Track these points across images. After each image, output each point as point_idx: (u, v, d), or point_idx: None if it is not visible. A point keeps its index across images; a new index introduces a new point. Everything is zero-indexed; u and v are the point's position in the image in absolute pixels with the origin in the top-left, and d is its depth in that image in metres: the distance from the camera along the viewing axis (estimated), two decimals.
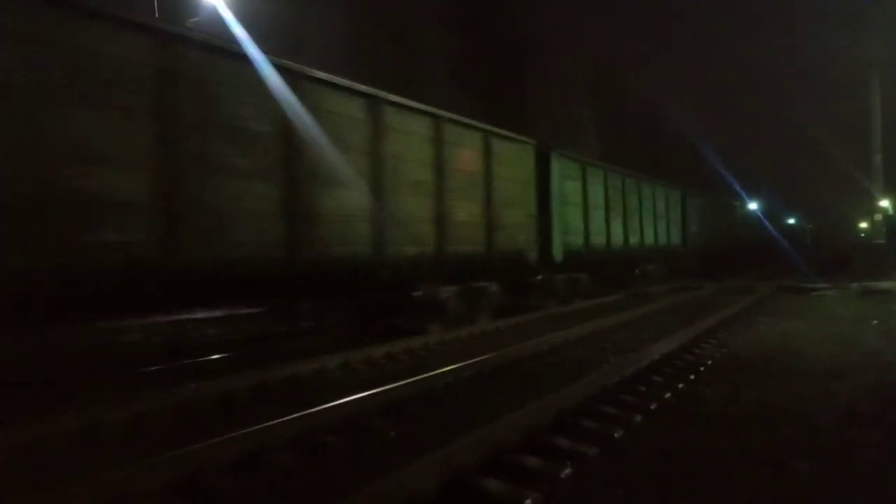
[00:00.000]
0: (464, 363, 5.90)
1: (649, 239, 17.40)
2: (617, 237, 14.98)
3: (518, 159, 10.71)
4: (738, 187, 34.38)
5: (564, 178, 12.56)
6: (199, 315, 9.83)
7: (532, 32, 31.30)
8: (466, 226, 9.09)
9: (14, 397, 4.78)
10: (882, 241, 25.22)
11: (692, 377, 5.54)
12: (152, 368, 6.37)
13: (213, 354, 7.18)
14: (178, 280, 5.34)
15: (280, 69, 6.23)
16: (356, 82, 7.32)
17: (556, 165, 12.18)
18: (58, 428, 4.00)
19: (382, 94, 7.60)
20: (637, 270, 16.85)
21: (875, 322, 8.72)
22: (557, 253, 11.91)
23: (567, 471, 3.28)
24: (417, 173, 8.16)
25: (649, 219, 17.52)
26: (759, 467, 3.33)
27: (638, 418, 4.25)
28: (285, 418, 4.03)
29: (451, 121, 8.89)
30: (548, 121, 29.30)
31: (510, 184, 10.34)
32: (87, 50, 4.67)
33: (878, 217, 26.93)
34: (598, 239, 13.84)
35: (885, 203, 27.78)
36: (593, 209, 13.67)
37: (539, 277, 11.53)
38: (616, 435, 3.89)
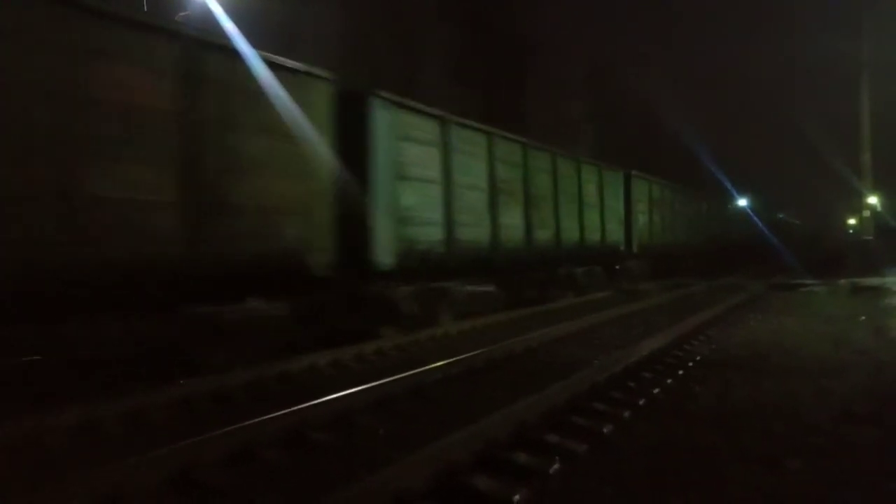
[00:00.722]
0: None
1: (570, 234, 12.95)
2: (513, 231, 10.71)
3: (282, 99, 6.41)
4: (727, 183, 34.32)
5: (404, 140, 8.20)
6: None
7: (531, 31, 31.27)
8: (121, 206, 5.04)
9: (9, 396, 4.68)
10: (870, 238, 25.44)
11: (681, 373, 5.52)
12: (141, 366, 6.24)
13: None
14: None
15: None
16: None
17: (384, 118, 7.83)
18: (53, 425, 3.93)
19: None
20: (561, 273, 12.77)
21: (863, 318, 8.74)
22: (385, 253, 7.75)
23: (556, 466, 3.24)
24: None
25: (571, 207, 13.04)
26: (752, 465, 3.30)
27: (627, 414, 4.22)
28: (275, 414, 3.97)
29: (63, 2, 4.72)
30: (546, 119, 29.31)
31: (259, 137, 6.17)
32: None
33: (867, 214, 27.20)
34: (473, 233, 9.54)
35: (873, 200, 28.01)
36: (463, 189, 9.33)
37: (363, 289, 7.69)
38: (605, 431, 3.86)
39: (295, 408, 4.15)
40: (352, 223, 7.26)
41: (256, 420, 3.89)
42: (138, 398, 4.52)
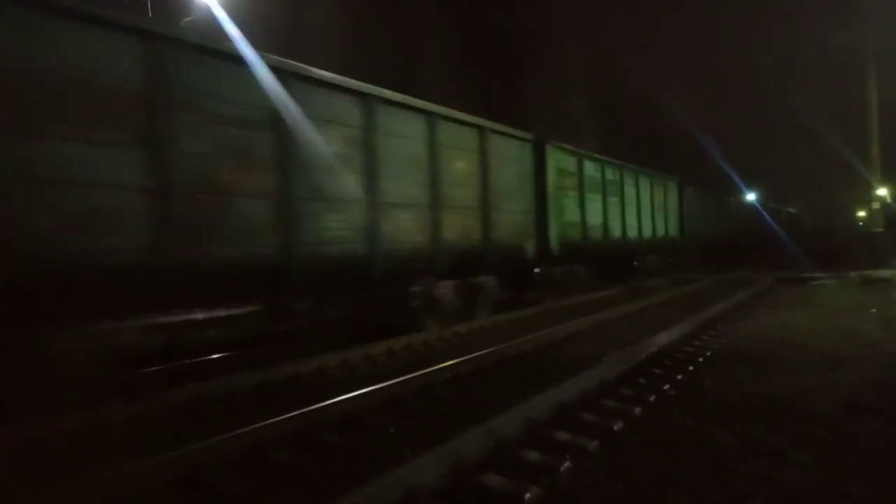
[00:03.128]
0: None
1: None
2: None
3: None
4: (735, 176, 34.12)
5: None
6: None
7: (530, 24, 31.11)
8: None
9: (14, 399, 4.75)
10: (880, 230, 25.21)
11: (691, 368, 5.54)
12: (153, 369, 6.33)
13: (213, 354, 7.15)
14: None
15: None
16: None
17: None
18: (61, 428, 4.00)
19: None
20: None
21: (874, 311, 8.72)
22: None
23: (567, 464, 3.28)
24: None
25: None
26: (761, 459, 3.32)
27: (638, 410, 4.25)
28: (285, 416, 4.04)
29: None
30: (545, 114, 29.19)
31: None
32: None
33: (876, 206, 26.96)
34: None
35: (882, 192, 27.77)
36: None
37: None
38: (616, 427, 3.89)
39: None
40: None
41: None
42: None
